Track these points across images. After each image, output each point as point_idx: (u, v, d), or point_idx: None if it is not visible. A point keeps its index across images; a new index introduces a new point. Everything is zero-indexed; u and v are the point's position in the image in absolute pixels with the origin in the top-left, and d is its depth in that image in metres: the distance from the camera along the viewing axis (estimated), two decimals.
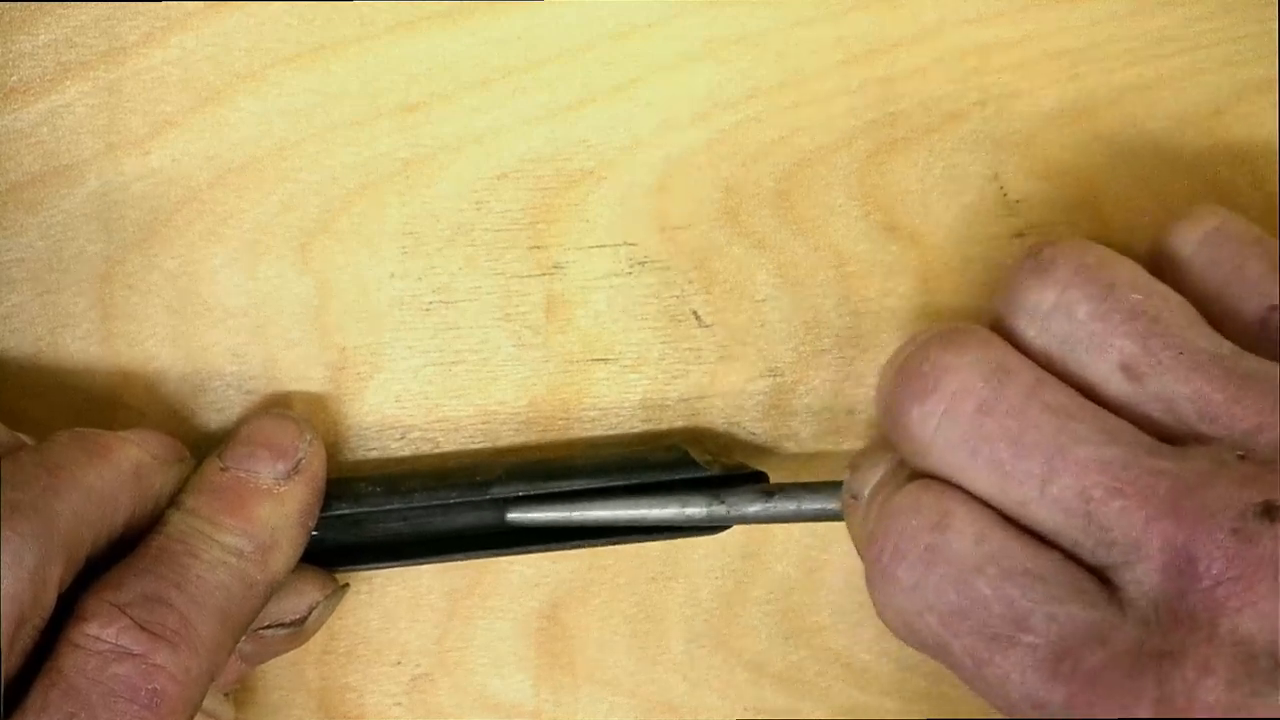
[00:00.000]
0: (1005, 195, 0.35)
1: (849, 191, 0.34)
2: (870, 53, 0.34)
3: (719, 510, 0.32)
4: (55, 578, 0.27)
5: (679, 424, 0.35)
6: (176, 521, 0.30)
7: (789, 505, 0.32)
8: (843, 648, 0.36)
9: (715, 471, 0.33)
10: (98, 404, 0.33)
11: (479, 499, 0.33)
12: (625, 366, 0.34)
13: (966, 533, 0.27)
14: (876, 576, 0.28)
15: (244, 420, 0.32)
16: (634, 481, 0.33)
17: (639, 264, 0.34)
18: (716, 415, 0.35)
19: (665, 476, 0.33)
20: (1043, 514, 0.27)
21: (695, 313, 0.35)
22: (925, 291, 0.35)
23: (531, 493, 0.33)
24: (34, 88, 0.32)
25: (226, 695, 0.32)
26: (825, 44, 0.34)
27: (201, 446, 0.32)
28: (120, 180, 0.32)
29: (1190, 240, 0.30)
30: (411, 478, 0.33)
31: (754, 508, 0.32)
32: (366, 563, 0.33)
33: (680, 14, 0.33)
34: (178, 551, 0.29)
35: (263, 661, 0.33)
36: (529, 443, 0.35)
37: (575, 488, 0.33)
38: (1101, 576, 0.27)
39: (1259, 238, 0.30)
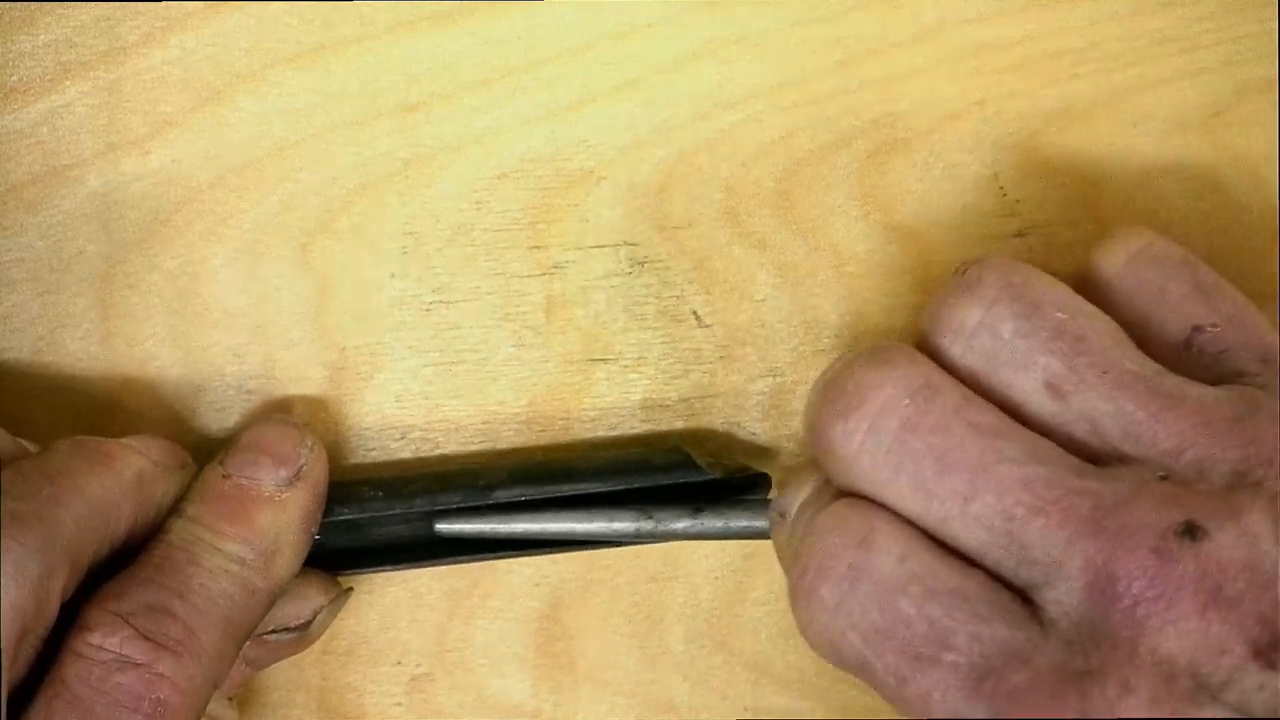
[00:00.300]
0: (1005, 195, 0.35)
1: (849, 191, 0.34)
2: (870, 53, 0.34)
3: (646, 525, 0.33)
4: (58, 588, 0.27)
5: (679, 424, 0.35)
6: (179, 529, 0.30)
7: (716, 523, 0.33)
8: None
9: (717, 475, 0.33)
10: (97, 404, 0.33)
11: (479, 505, 0.33)
12: (625, 366, 0.34)
13: (890, 551, 0.27)
14: (800, 595, 0.28)
15: (245, 426, 0.32)
16: (636, 485, 0.33)
17: (639, 264, 0.34)
18: (717, 415, 0.35)
19: (667, 480, 0.33)
20: (966, 532, 0.27)
21: (695, 313, 0.35)
22: (925, 291, 0.35)
23: (463, 505, 0.32)
24: (34, 88, 0.32)
25: (230, 699, 0.32)
26: (825, 44, 0.34)
27: (202, 447, 0.32)
28: (120, 180, 0.32)
29: (1115, 262, 0.30)
30: (413, 481, 0.33)
31: (681, 524, 0.33)
32: (368, 566, 0.33)
33: (680, 14, 0.33)
34: (180, 560, 0.29)
35: (267, 665, 0.33)
36: (530, 443, 0.35)
37: (568, 493, 0.33)
38: (1024, 596, 0.27)
39: (1184, 259, 0.30)
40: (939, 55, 0.34)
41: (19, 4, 0.31)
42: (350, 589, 0.34)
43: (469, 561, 0.34)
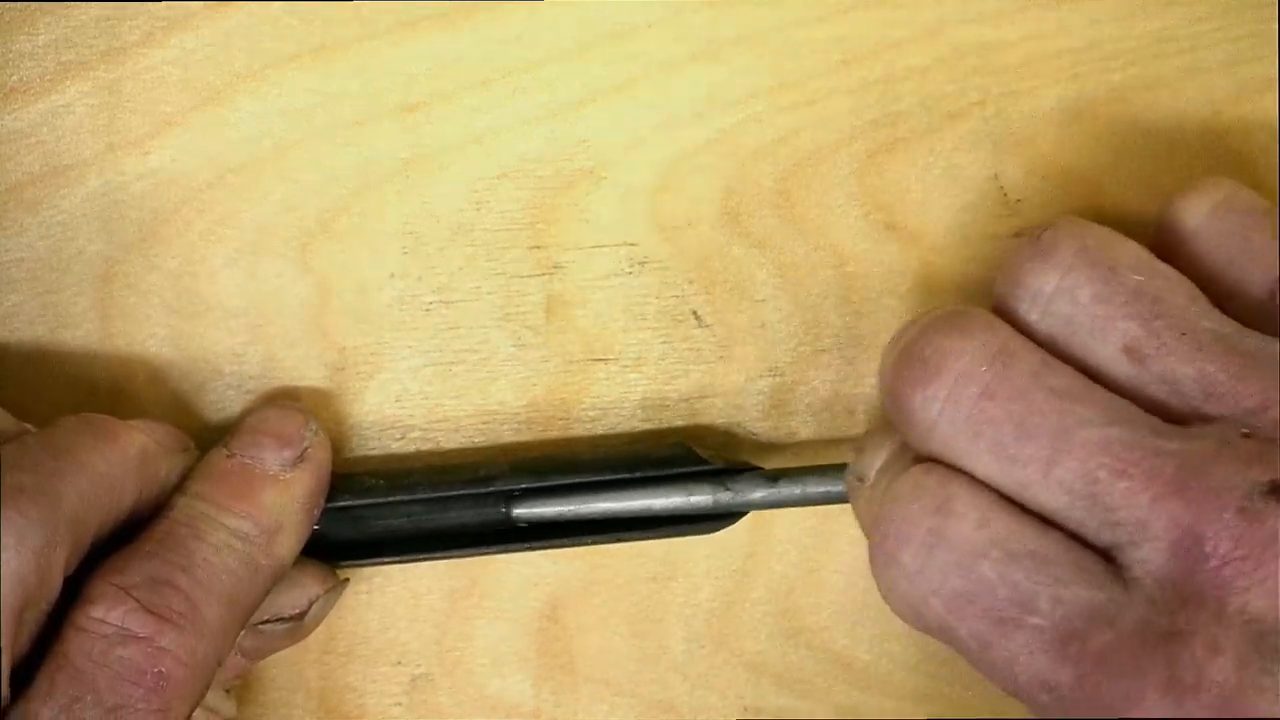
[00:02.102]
0: (1005, 195, 0.35)
1: (849, 191, 0.34)
2: (870, 53, 0.34)
3: (724, 497, 0.32)
4: (61, 561, 0.27)
5: (679, 423, 0.35)
6: (183, 506, 0.30)
7: (794, 489, 0.32)
8: (843, 648, 0.36)
9: (719, 465, 0.33)
10: (98, 404, 0.33)
11: (483, 492, 0.32)
12: (625, 366, 0.34)
13: (969, 516, 0.27)
14: (881, 561, 0.28)
15: (249, 411, 0.32)
16: (638, 475, 0.33)
17: (639, 264, 0.34)
18: (717, 415, 0.35)
19: (668, 471, 0.33)
20: (1047, 496, 0.27)
21: (695, 313, 0.35)
22: (925, 291, 0.35)
23: (536, 485, 0.32)
24: (34, 88, 0.32)
25: (228, 691, 0.32)
26: (825, 44, 0.34)
27: (202, 446, 0.32)
28: (120, 180, 0.32)
29: (1197, 214, 0.30)
30: (414, 472, 0.33)
31: (759, 493, 0.32)
32: (368, 558, 0.33)
33: (680, 14, 0.33)
34: (184, 535, 0.29)
35: (262, 657, 0.33)
36: (531, 441, 0.35)
37: (580, 481, 0.33)
38: (1107, 557, 0.27)
39: (1267, 210, 0.30)
40: (939, 55, 0.34)
41: (19, 4, 0.31)
42: (347, 580, 0.34)
43: (471, 556, 0.33)
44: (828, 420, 0.35)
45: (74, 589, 0.28)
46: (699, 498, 0.32)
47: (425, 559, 0.33)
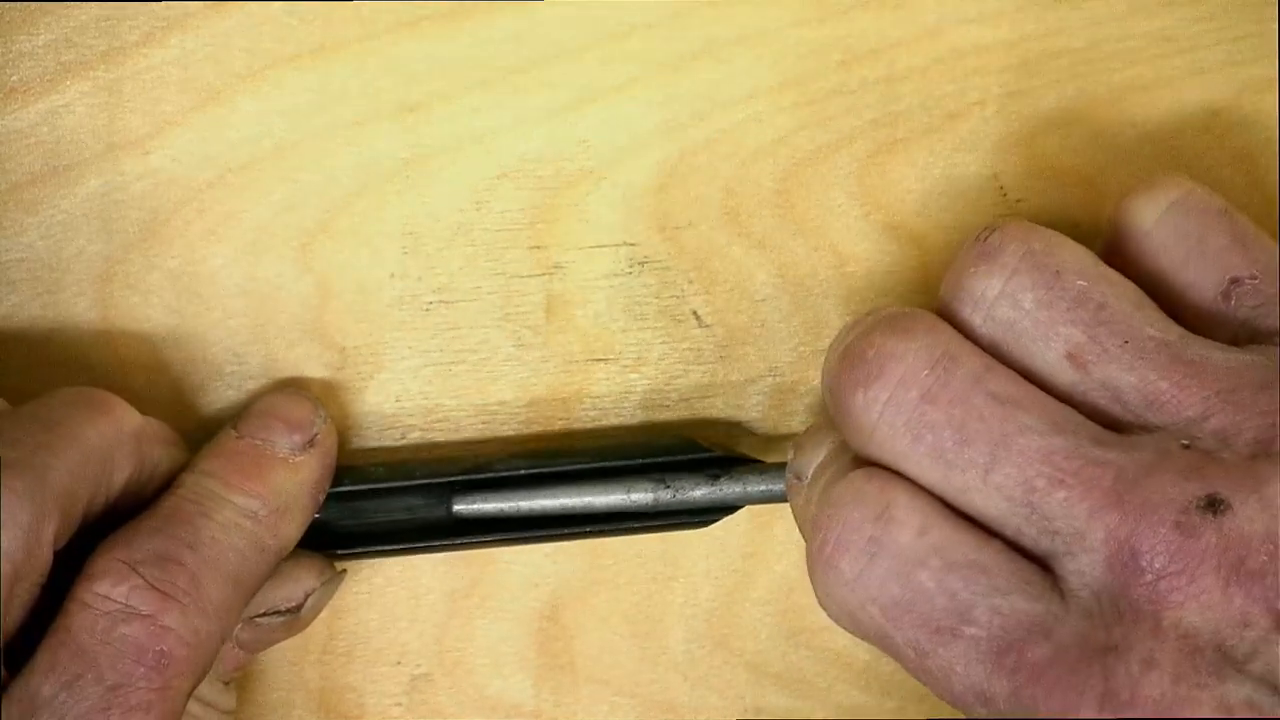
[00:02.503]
0: (1005, 195, 0.35)
1: (849, 191, 0.34)
2: (870, 53, 0.34)
3: (664, 495, 0.32)
4: (49, 535, 0.27)
5: (679, 423, 0.35)
6: (191, 484, 0.30)
7: (735, 488, 0.32)
8: (843, 648, 0.36)
9: (718, 453, 0.33)
10: None
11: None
12: (625, 366, 0.34)
13: (909, 524, 0.27)
14: (819, 567, 0.28)
15: (259, 395, 0.32)
16: (637, 462, 0.33)
17: (639, 264, 0.34)
18: (716, 415, 0.35)
19: (669, 458, 0.33)
20: (985, 503, 0.27)
21: (695, 313, 0.35)
22: (925, 291, 0.35)
23: (474, 477, 0.32)
24: (34, 88, 0.32)
25: (226, 684, 0.32)
26: (825, 44, 0.34)
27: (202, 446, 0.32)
28: (120, 180, 0.32)
29: (1152, 212, 0.30)
30: (413, 461, 0.33)
31: (699, 491, 0.32)
32: (371, 546, 0.33)
33: (680, 14, 0.33)
34: (191, 512, 0.29)
35: (260, 650, 0.33)
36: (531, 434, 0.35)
37: (581, 467, 0.33)
38: (1044, 566, 0.27)
39: (1223, 209, 0.30)
40: (939, 55, 0.34)
41: (19, 4, 0.31)
42: (344, 571, 0.33)
43: (478, 546, 0.33)
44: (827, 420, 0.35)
45: (70, 563, 0.28)
46: (639, 495, 0.32)
47: (423, 551, 0.33)
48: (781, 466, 0.32)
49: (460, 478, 0.33)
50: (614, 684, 0.36)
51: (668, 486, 0.32)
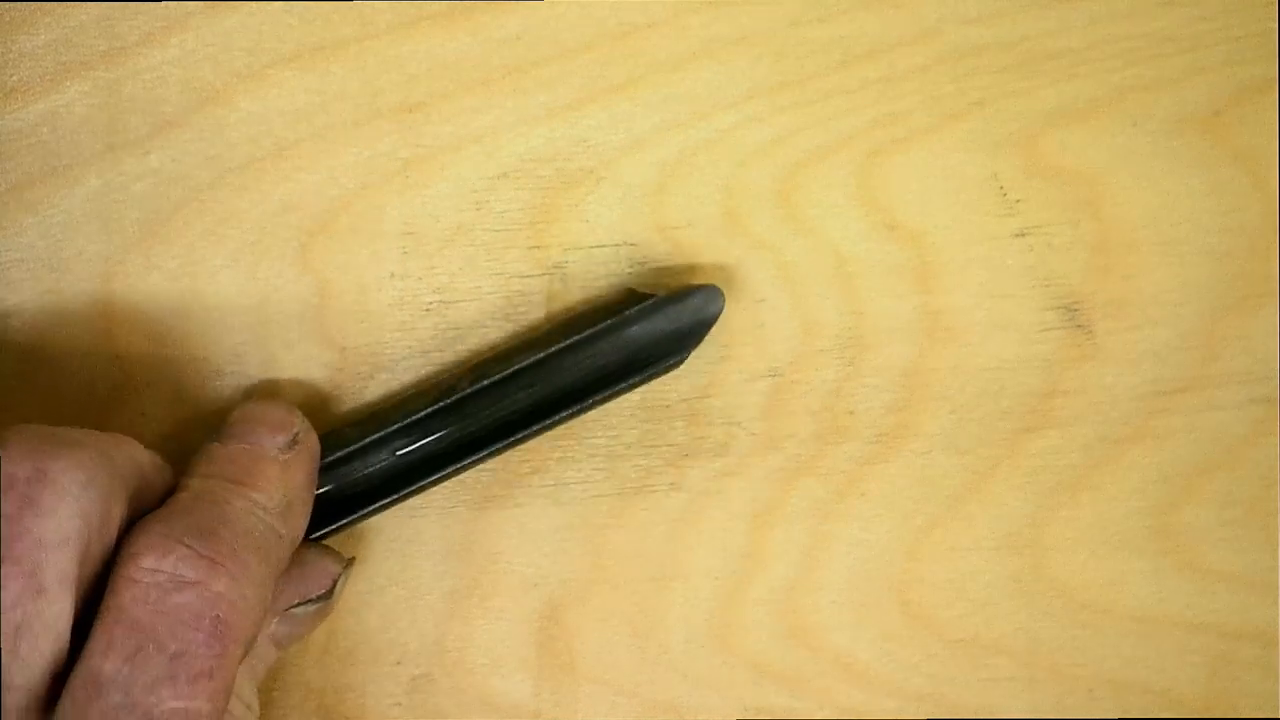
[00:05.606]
0: (1005, 195, 0.35)
1: (849, 191, 0.34)
2: (870, 53, 0.34)
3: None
4: (119, 515, 0.27)
5: (679, 424, 0.35)
6: (196, 486, 0.30)
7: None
8: (843, 648, 0.36)
9: (660, 294, 0.32)
10: (98, 405, 0.33)
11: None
12: None
13: None
14: None
15: (232, 409, 0.32)
16: (587, 334, 0.32)
17: (639, 264, 0.34)
18: (716, 415, 0.35)
19: (612, 317, 0.32)
20: None
21: None
22: (925, 291, 0.35)
23: (429, 411, 0.32)
24: (34, 88, 0.32)
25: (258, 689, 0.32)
26: (825, 44, 0.34)
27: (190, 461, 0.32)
28: (120, 180, 0.32)
29: None
30: (382, 410, 0.33)
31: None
32: (357, 510, 0.33)
33: (680, 14, 0.33)
34: (210, 500, 0.29)
35: (291, 644, 0.33)
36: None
37: (541, 355, 0.32)
38: None
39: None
40: (939, 55, 0.34)
41: (19, 4, 0.31)
42: (354, 558, 0.34)
43: (471, 467, 0.33)
44: (827, 420, 0.35)
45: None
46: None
47: (408, 496, 0.33)
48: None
49: (429, 409, 0.32)
50: (614, 684, 0.36)
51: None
